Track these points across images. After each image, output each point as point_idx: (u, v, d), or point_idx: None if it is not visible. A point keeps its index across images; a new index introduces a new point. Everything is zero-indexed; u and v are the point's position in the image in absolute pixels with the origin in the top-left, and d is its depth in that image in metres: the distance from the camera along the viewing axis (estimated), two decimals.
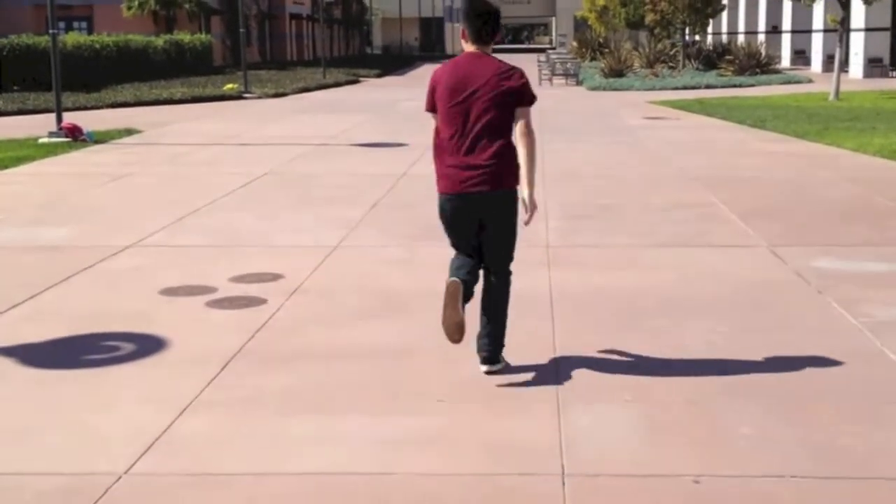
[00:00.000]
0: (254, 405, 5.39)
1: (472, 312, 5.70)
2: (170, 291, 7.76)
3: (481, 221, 5.66)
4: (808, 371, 5.90)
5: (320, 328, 6.81)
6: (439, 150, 5.70)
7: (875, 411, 5.29)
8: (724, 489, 4.40)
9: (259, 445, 4.87)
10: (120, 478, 4.52)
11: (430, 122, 5.74)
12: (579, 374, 5.82)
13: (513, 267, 5.84)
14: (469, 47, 5.69)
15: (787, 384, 5.69)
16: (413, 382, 5.74)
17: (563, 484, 4.42)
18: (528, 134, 5.58)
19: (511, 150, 5.60)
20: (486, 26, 5.63)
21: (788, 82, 35.73)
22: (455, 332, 5.45)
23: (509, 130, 5.62)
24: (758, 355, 6.15)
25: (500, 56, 5.71)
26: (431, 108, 5.74)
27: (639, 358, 6.13)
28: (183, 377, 5.83)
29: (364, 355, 6.21)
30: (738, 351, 6.24)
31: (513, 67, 5.65)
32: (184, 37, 43.55)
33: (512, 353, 5.97)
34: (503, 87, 5.56)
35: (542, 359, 6.10)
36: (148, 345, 6.44)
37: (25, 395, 5.64)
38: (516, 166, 5.59)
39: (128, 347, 6.42)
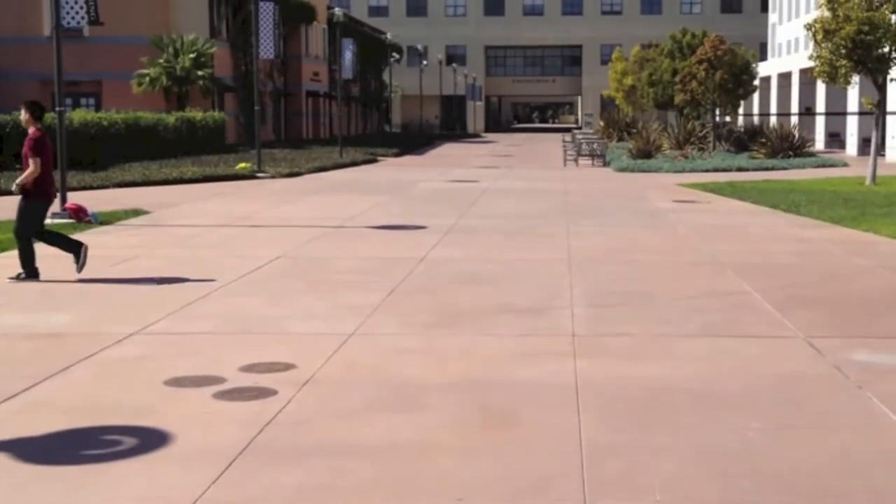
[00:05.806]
0: None
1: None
2: (175, 382, 7.47)
3: None
4: (847, 471, 5.69)
5: (333, 422, 6.56)
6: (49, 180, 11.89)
7: None
8: None
9: None
10: None
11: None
12: (607, 472, 5.61)
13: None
14: (37, 124, 12.05)
15: (824, 485, 5.48)
16: (430, 480, 5.51)
17: None
18: None
19: None
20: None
21: (823, 166, 35.35)
22: None
23: None
24: (794, 454, 5.94)
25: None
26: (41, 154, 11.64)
27: (669, 455, 5.88)
28: (187, 474, 5.59)
29: (378, 451, 5.98)
30: (773, 449, 6.02)
31: None
32: (196, 114, 42.77)
33: (536, 446, 5.95)
34: None
35: (568, 455, 5.87)
36: (150, 439, 6.18)
37: (18, 494, 5.38)
38: None
39: (129, 442, 6.17)
